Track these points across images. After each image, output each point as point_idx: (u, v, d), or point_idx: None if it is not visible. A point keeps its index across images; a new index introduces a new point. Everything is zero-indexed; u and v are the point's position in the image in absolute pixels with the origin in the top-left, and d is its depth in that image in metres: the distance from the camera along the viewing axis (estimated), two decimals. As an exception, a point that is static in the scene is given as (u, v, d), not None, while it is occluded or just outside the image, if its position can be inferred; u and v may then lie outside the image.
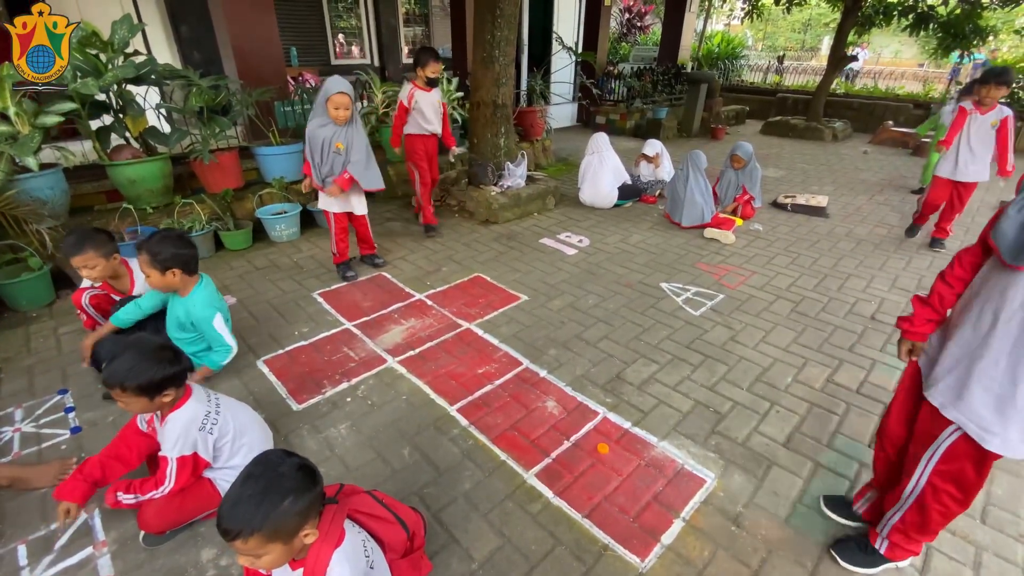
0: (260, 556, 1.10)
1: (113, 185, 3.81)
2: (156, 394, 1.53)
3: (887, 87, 11.05)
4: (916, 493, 1.51)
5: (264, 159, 4.39)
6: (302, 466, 1.18)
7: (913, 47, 20.15)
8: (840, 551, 1.71)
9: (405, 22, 9.53)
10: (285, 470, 1.14)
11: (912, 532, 1.57)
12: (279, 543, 1.10)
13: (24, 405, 2.37)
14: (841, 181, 6.46)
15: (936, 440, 1.43)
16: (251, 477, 1.13)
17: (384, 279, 3.61)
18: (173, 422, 1.58)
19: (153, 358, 1.52)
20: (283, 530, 1.10)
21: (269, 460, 1.17)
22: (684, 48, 10.47)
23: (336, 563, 1.15)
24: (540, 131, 6.71)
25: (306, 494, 1.14)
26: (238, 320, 3.06)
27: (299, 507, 1.12)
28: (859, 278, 3.77)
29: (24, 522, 1.79)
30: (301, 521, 1.13)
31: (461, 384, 2.54)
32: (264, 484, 1.11)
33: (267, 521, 1.07)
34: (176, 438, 1.57)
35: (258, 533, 1.07)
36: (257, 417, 1.91)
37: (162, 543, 1.72)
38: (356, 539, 1.23)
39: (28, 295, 3.09)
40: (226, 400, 1.73)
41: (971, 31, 7.81)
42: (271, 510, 1.08)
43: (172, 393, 1.57)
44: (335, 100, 3.05)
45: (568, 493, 1.94)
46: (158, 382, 1.51)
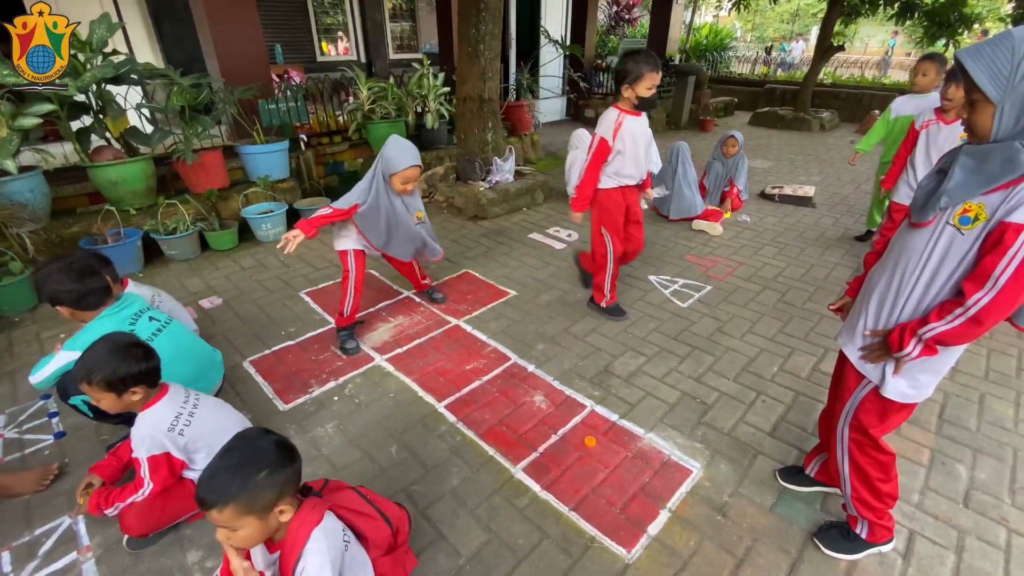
0: (236, 529, 1.13)
1: (95, 187, 3.76)
2: (123, 390, 1.52)
3: (873, 77, 11.10)
4: (845, 453, 1.60)
5: (249, 158, 4.35)
6: (280, 443, 1.21)
7: (900, 37, 20.22)
8: (823, 539, 1.74)
9: (391, 17, 9.45)
10: (263, 444, 1.18)
11: (867, 495, 1.62)
12: (253, 516, 1.13)
13: (7, 411, 2.34)
14: (828, 171, 6.49)
15: (852, 395, 1.53)
16: (230, 450, 1.17)
17: (372, 277, 3.59)
18: (140, 422, 1.57)
19: (122, 354, 1.51)
20: (258, 503, 1.12)
21: (248, 435, 1.21)
22: (672, 40, 10.46)
23: (314, 539, 1.16)
24: (528, 126, 6.69)
25: (282, 469, 1.17)
26: (224, 321, 3.04)
27: (275, 480, 1.14)
28: (845, 267, 3.80)
29: (7, 528, 1.78)
30: (276, 496, 1.15)
31: (449, 381, 2.54)
32: (241, 456, 1.15)
33: (242, 491, 1.10)
34: (142, 438, 1.55)
35: (233, 503, 1.10)
36: (241, 418, 1.90)
37: (146, 547, 1.71)
38: (335, 522, 1.24)
39: (10, 300, 3.05)
40: (207, 400, 1.72)
41: (956, 19, 7.85)
42: (246, 481, 1.11)
43: (141, 391, 1.55)
44: (407, 175, 2.51)
45: (555, 487, 1.95)
46: (122, 378, 1.50)
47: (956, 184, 1.21)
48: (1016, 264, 1.14)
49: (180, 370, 2.03)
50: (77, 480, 1.92)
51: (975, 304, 1.20)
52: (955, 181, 1.21)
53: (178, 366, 2.02)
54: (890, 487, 1.61)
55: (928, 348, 1.30)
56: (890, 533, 1.70)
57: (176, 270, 3.71)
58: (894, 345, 1.35)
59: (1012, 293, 1.16)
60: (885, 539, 1.70)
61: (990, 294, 1.18)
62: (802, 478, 1.95)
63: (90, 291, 1.88)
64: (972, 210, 1.19)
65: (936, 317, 1.27)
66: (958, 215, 1.21)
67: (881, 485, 1.59)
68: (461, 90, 4.71)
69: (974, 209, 1.18)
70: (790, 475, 1.98)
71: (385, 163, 2.50)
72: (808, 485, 1.94)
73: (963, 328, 1.25)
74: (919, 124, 3.12)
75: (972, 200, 1.19)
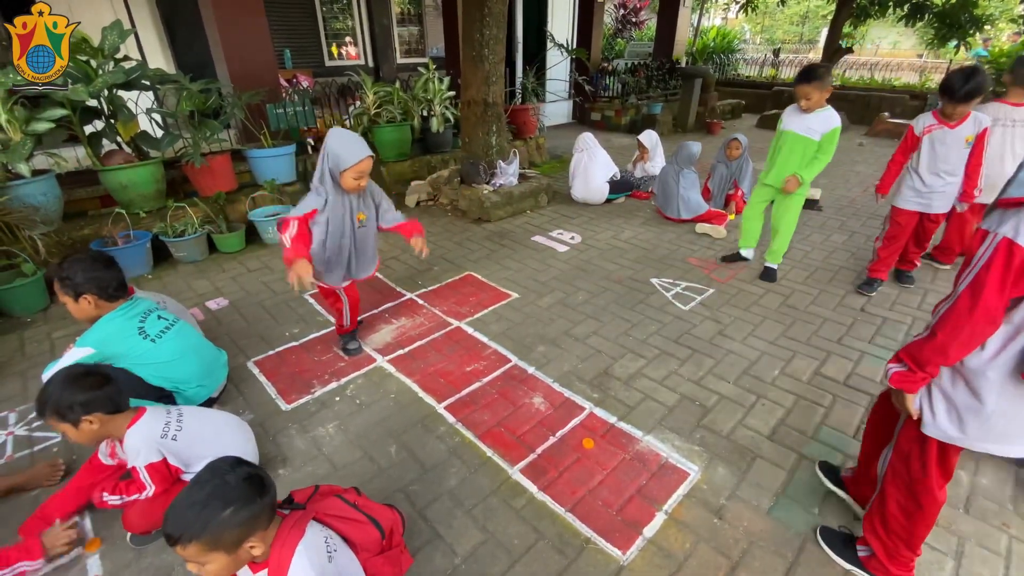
0: (203, 564, 1.10)
1: (106, 190, 3.84)
2: (76, 420, 1.50)
3: (883, 78, 11.01)
4: (881, 477, 1.54)
5: (256, 161, 4.41)
6: (251, 476, 1.17)
7: (911, 38, 20.04)
8: (824, 534, 1.75)
9: (399, 22, 9.54)
10: (231, 479, 1.13)
11: (877, 525, 1.57)
12: (221, 552, 1.09)
13: (18, 409, 2.39)
14: (835, 174, 6.44)
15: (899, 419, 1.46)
16: (197, 483, 1.13)
17: (375, 279, 3.63)
18: (130, 437, 1.59)
19: (67, 383, 1.51)
20: (224, 540, 1.09)
21: (217, 467, 1.17)
22: (679, 43, 10.45)
23: (297, 557, 1.15)
24: (533, 129, 6.72)
25: (250, 505, 1.12)
26: (230, 322, 3.09)
27: (241, 518, 1.10)
28: (850, 270, 3.77)
29: (17, 523, 1.81)
30: (244, 532, 1.12)
31: (449, 382, 2.56)
32: (208, 492, 1.11)
33: (206, 530, 1.07)
34: (136, 450, 1.57)
35: (197, 541, 1.06)
36: (235, 420, 1.93)
37: (149, 543, 1.74)
38: (317, 535, 1.24)
39: (22, 301, 3.12)
40: (190, 409, 1.75)
41: (967, 20, 7.79)
42: (211, 518, 1.07)
43: (97, 420, 1.53)
44: (361, 168, 2.24)
45: (552, 488, 1.96)
46: (68, 406, 1.48)
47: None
48: (975, 273, 1.09)
49: (186, 368, 2.08)
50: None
51: (936, 315, 1.17)
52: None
53: (185, 364, 2.07)
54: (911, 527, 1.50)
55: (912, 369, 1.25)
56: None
57: (184, 272, 3.77)
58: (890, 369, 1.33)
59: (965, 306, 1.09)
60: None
61: (947, 303, 1.15)
62: (836, 478, 1.94)
63: (117, 280, 1.99)
64: None
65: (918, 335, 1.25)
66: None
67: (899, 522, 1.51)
68: (465, 94, 4.75)
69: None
70: (828, 472, 1.96)
71: (334, 159, 2.22)
72: (837, 486, 1.91)
73: (924, 342, 1.21)
74: (919, 130, 3.05)
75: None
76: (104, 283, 1.95)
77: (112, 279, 1.97)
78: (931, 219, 3.26)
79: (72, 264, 1.93)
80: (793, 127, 3.18)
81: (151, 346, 1.99)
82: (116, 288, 1.99)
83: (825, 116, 3.09)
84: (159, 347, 2.01)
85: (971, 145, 2.94)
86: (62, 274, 1.93)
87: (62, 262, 1.97)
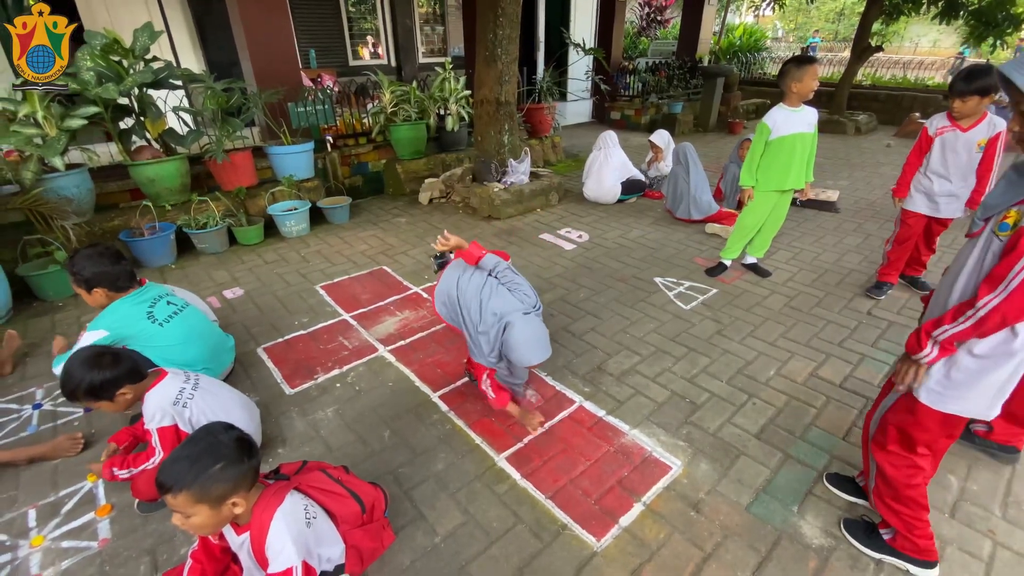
0: (189, 516, 1.21)
1: (135, 184, 4.05)
2: (111, 395, 1.67)
3: (916, 77, 10.65)
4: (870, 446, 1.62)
5: (276, 158, 4.58)
6: (240, 439, 1.29)
7: (953, 36, 19.28)
8: (848, 526, 1.79)
9: (423, 22, 9.68)
10: (224, 439, 1.26)
11: (887, 498, 1.62)
12: (206, 506, 1.20)
13: (45, 385, 2.58)
14: (858, 175, 6.30)
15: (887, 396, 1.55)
16: (192, 440, 1.25)
17: (384, 273, 3.74)
18: (148, 399, 1.74)
19: (89, 365, 1.66)
20: (211, 493, 1.20)
21: (211, 428, 1.30)
22: (704, 41, 10.32)
23: (275, 520, 1.26)
24: (548, 128, 6.76)
25: (238, 464, 1.24)
26: (244, 311, 3.24)
27: (229, 474, 1.22)
28: (861, 273, 3.71)
29: (35, 489, 1.98)
30: (230, 488, 1.23)
31: (446, 372, 2.65)
32: (201, 448, 1.23)
33: (196, 481, 1.18)
34: (152, 413, 1.72)
35: (186, 491, 1.17)
36: (243, 399, 2.05)
37: (155, 510, 1.87)
38: (297, 503, 1.34)
39: (54, 286, 3.34)
40: (206, 380, 1.87)
41: (1004, 18, 7.50)
42: (201, 471, 1.19)
43: (130, 390, 1.71)
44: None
45: (535, 476, 2.02)
46: (99, 384, 1.65)
47: (993, 196, 1.26)
48: None
49: (192, 350, 2.21)
50: (102, 449, 2.10)
51: (984, 306, 1.23)
52: (994, 193, 1.26)
53: (191, 346, 2.20)
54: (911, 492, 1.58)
55: (945, 349, 1.34)
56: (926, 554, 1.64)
57: (205, 262, 3.96)
58: (912, 348, 1.39)
59: (1021, 298, 1.18)
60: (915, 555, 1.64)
61: (999, 296, 1.21)
62: (853, 488, 1.94)
63: (124, 272, 2.13)
64: (1011, 217, 1.22)
65: (951, 319, 1.31)
66: (998, 222, 1.24)
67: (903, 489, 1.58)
68: (479, 93, 4.83)
69: (1012, 216, 1.21)
70: (840, 483, 1.97)
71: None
72: (857, 496, 1.92)
73: (971, 331, 1.28)
74: (932, 131, 2.98)
75: (1013, 208, 1.21)
76: (113, 276, 2.10)
77: (119, 272, 2.12)
78: (939, 222, 3.19)
79: (81, 260, 2.07)
80: (798, 128, 3.15)
81: (159, 329, 2.14)
82: (125, 280, 2.15)
83: (809, 109, 3.16)
84: (166, 331, 2.16)
85: (983, 150, 2.85)
86: (73, 269, 2.08)
87: (71, 257, 2.11)
